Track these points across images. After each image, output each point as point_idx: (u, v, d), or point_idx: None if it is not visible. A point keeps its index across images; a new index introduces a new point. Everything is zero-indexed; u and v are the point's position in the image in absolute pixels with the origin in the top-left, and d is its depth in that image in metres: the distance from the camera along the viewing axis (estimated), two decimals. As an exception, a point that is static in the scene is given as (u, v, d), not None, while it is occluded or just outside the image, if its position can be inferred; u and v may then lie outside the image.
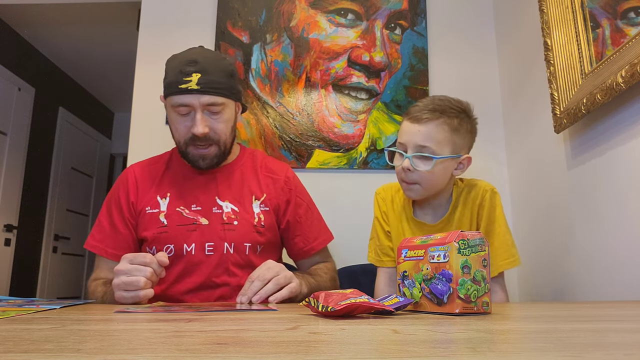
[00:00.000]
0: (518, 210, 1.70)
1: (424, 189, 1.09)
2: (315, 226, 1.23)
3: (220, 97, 1.06)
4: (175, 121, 1.09)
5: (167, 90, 1.08)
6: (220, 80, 1.07)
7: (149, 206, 1.13)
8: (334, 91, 1.85)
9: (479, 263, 0.66)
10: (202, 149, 1.09)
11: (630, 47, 1.03)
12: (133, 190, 1.15)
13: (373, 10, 1.91)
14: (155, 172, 1.19)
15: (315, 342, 0.39)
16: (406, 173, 1.07)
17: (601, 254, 1.19)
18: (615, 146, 1.13)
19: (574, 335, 0.44)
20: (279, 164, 1.26)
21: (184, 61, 1.06)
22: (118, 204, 1.15)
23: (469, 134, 1.10)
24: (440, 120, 1.05)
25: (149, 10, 1.97)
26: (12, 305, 0.77)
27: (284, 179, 1.21)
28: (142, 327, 0.51)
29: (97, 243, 1.13)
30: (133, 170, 1.20)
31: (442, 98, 1.10)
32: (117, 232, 1.13)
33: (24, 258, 3.35)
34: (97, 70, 3.90)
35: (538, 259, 1.52)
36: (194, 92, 1.04)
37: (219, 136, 1.10)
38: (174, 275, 1.09)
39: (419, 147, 1.05)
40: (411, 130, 1.07)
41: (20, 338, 0.40)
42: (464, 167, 1.11)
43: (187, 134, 1.08)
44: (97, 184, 4.47)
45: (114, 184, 1.21)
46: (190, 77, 1.04)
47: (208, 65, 1.06)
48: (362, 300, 0.60)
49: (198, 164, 1.11)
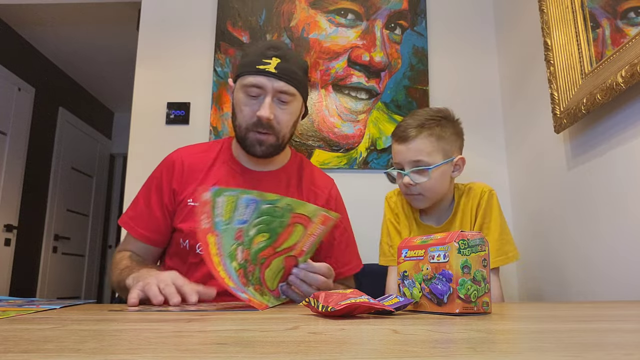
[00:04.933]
0: (518, 210, 1.70)
1: (428, 198, 1.16)
2: (348, 251, 1.20)
3: (293, 87, 1.06)
4: (242, 102, 1.07)
5: (243, 69, 1.06)
6: (297, 72, 1.07)
7: (191, 198, 1.09)
8: (334, 91, 1.85)
9: (479, 263, 0.66)
10: (261, 135, 1.06)
11: (630, 47, 1.03)
12: (178, 177, 1.12)
13: (373, 10, 1.91)
14: (204, 163, 1.14)
15: (315, 342, 0.39)
16: (408, 188, 1.16)
17: (601, 254, 1.19)
18: (615, 146, 1.13)
19: (574, 335, 0.44)
20: (324, 178, 1.24)
21: (267, 45, 1.06)
22: (159, 186, 1.12)
23: (454, 136, 1.18)
24: (424, 133, 1.14)
25: (149, 10, 1.97)
26: (12, 305, 0.77)
27: (327, 197, 1.18)
28: (142, 327, 0.51)
29: (129, 220, 1.11)
30: (180, 156, 1.15)
31: (421, 112, 1.20)
32: (152, 215, 1.10)
33: (24, 258, 3.35)
34: (97, 70, 3.91)
35: (538, 259, 1.52)
36: (271, 75, 1.03)
37: (280, 127, 1.07)
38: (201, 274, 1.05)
39: (413, 163, 1.14)
40: (401, 150, 1.16)
41: (20, 338, 0.40)
42: (460, 167, 1.19)
43: (252, 117, 1.05)
44: (97, 184, 4.47)
45: (159, 165, 1.16)
46: (270, 60, 1.03)
47: (289, 55, 1.06)
48: (362, 300, 0.60)
49: (254, 149, 1.08)
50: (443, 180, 1.16)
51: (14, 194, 3.27)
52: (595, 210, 1.21)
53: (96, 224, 4.43)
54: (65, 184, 3.92)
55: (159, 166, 1.16)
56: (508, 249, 1.15)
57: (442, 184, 1.16)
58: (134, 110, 1.89)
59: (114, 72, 3.82)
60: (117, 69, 3.74)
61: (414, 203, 1.20)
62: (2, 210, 3.14)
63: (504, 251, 1.14)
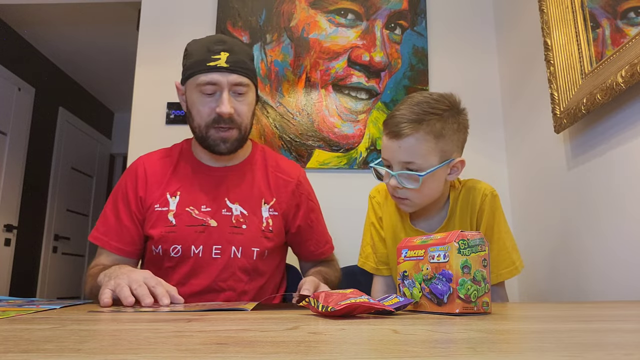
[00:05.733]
0: (518, 210, 1.70)
1: (416, 204, 1.02)
2: (325, 231, 1.26)
3: (246, 77, 1.06)
4: (198, 102, 1.05)
5: (192, 69, 1.05)
6: (246, 62, 1.07)
7: (158, 204, 1.09)
8: (334, 91, 1.85)
9: (479, 263, 0.66)
10: (223, 131, 1.06)
11: (630, 47, 1.03)
12: (142, 184, 1.11)
13: (373, 10, 1.91)
14: (166, 167, 1.14)
15: (315, 342, 0.39)
16: (395, 190, 1.00)
17: (601, 254, 1.19)
18: (615, 146, 1.13)
19: (574, 335, 0.44)
20: (290, 164, 1.24)
21: (211, 41, 1.06)
22: (125, 197, 1.11)
23: (457, 134, 0.99)
24: (421, 132, 0.94)
25: (149, 10, 1.97)
26: (12, 305, 0.76)
27: (296, 183, 1.19)
28: (142, 327, 0.51)
29: (102, 235, 1.09)
30: (143, 163, 1.15)
31: (421, 101, 0.97)
32: (123, 226, 1.09)
33: (24, 258, 3.35)
34: (97, 70, 3.90)
35: (538, 259, 1.52)
36: (223, 70, 1.02)
37: (241, 119, 1.07)
38: (179, 276, 1.07)
39: (403, 164, 0.97)
40: (392, 147, 0.98)
41: (20, 338, 0.40)
42: (458, 170, 1.02)
43: (211, 115, 1.05)
44: (97, 184, 4.47)
45: (122, 176, 1.16)
46: (219, 55, 1.03)
47: (235, 46, 1.06)
48: (362, 300, 0.60)
49: (219, 148, 1.08)
50: (436, 185, 1.00)
51: (14, 194, 3.26)
52: (595, 210, 1.21)
53: (96, 224, 4.44)
54: (65, 184, 3.92)
55: (122, 177, 1.16)
56: (515, 257, 1.04)
57: (435, 189, 1.00)
58: (134, 110, 1.89)
59: (114, 72, 3.82)
60: (117, 69, 3.73)
61: (401, 207, 1.05)
62: (2, 210, 3.14)
63: (512, 261, 1.03)
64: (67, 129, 3.96)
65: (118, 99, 4.46)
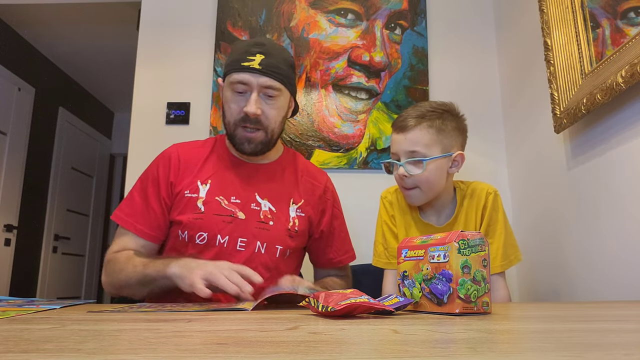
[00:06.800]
0: (518, 209, 1.69)
1: (423, 193, 1.13)
2: (346, 241, 1.27)
3: (278, 82, 1.07)
4: (230, 100, 1.08)
5: (228, 67, 1.08)
6: (281, 67, 1.08)
7: (188, 190, 1.09)
8: (334, 91, 1.85)
9: (479, 263, 0.66)
10: (249, 132, 1.08)
11: (630, 47, 1.03)
12: (175, 170, 1.12)
13: (373, 10, 1.91)
14: (200, 156, 1.15)
15: (315, 342, 0.39)
16: (403, 179, 1.12)
17: (601, 254, 1.19)
18: (615, 146, 1.13)
19: (574, 335, 0.44)
20: (319, 171, 1.27)
21: (251, 43, 1.08)
22: (156, 181, 1.11)
23: (456, 132, 1.14)
24: (424, 124, 1.11)
25: (149, 10, 1.97)
26: (12, 305, 0.77)
27: (324, 188, 1.22)
28: (142, 327, 0.51)
29: (126, 217, 1.09)
30: (177, 150, 1.16)
31: (424, 103, 1.17)
32: (150, 210, 1.09)
33: (24, 258, 3.35)
34: (97, 70, 3.90)
35: (538, 259, 1.52)
36: (255, 72, 1.04)
37: (269, 122, 1.08)
38: None
39: (409, 153, 1.11)
40: (399, 140, 1.13)
41: (20, 338, 0.40)
42: (459, 164, 1.14)
43: (239, 114, 1.07)
44: (97, 184, 4.47)
45: (154, 160, 1.16)
46: (254, 57, 1.05)
47: (273, 50, 1.08)
48: (362, 300, 0.60)
49: (243, 147, 1.10)
50: (439, 175, 1.12)
51: (14, 194, 3.26)
52: (595, 210, 1.21)
53: (96, 224, 4.43)
54: (65, 184, 3.92)
55: (154, 162, 1.16)
56: (511, 252, 1.13)
57: (439, 178, 1.12)
58: (134, 110, 1.89)
59: (114, 72, 3.82)
60: (117, 69, 3.73)
61: (409, 199, 1.16)
62: (2, 210, 3.14)
63: (507, 254, 1.12)
64: (67, 129, 3.96)
65: (118, 99, 4.46)
